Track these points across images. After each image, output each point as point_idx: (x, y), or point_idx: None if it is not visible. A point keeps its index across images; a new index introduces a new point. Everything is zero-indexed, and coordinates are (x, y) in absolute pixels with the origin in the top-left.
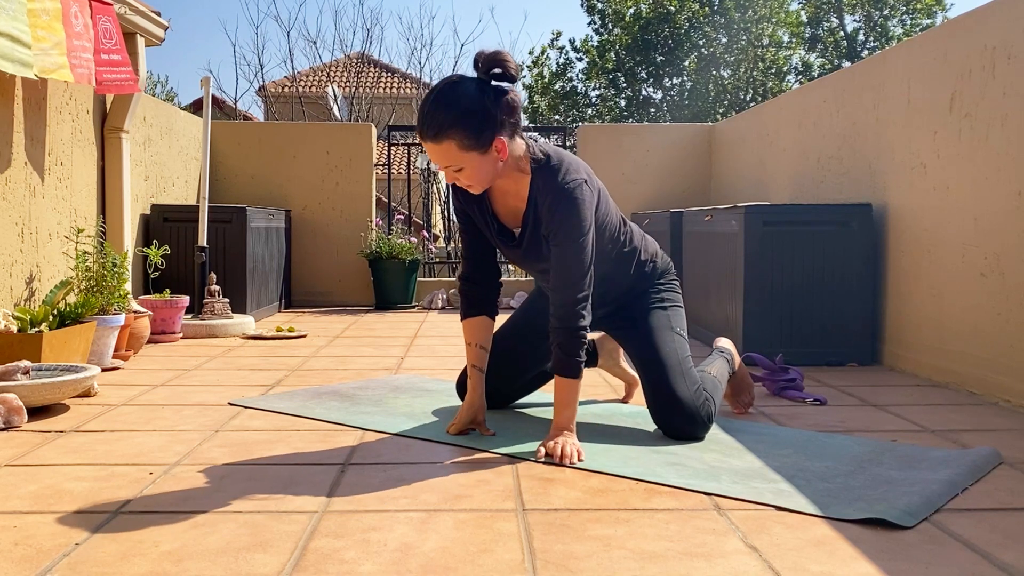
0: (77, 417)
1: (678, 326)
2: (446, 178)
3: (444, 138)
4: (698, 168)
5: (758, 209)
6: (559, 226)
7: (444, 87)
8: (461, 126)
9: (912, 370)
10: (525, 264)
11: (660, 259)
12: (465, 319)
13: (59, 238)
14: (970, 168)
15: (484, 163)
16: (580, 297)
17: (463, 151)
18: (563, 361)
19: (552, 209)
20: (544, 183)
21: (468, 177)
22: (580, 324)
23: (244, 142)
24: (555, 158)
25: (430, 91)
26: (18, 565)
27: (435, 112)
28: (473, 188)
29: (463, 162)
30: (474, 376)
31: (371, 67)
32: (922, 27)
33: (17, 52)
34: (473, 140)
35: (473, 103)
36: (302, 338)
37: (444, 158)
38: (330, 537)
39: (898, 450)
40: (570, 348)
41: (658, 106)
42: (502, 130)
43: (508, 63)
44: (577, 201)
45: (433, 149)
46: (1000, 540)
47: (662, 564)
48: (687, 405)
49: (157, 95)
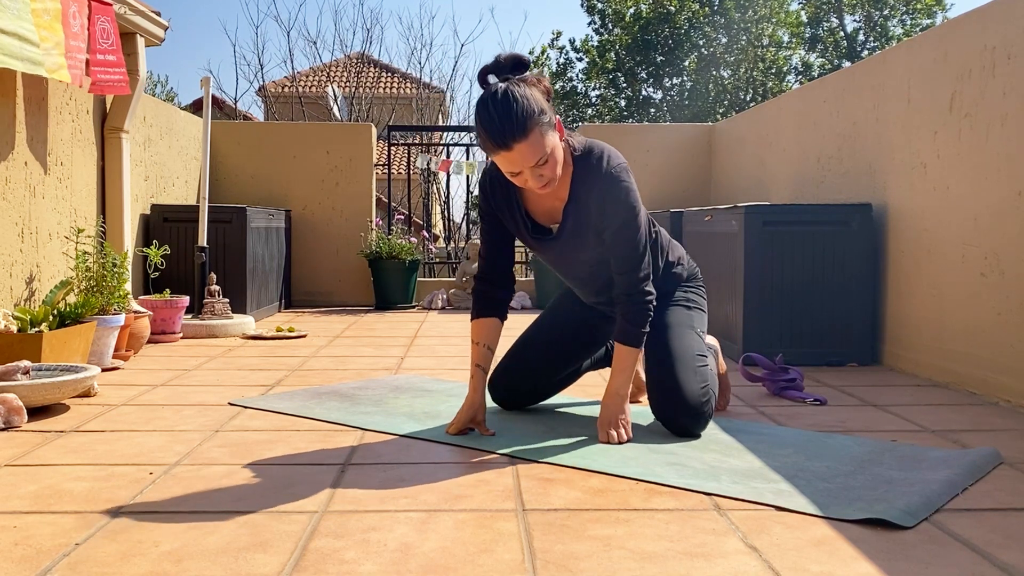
0: (77, 417)
1: (699, 327)
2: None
3: (531, 129)
4: (698, 168)
5: (758, 209)
6: (614, 209)
7: (494, 98)
8: (536, 113)
9: (912, 370)
10: (561, 259)
11: (687, 263)
12: (476, 319)
13: (59, 238)
14: (970, 168)
15: (558, 146)
16: (644, 272)
17: (546, 136)
18: (627, 330)
19: (603, 195)
20: (588, 172)
21: (552, 166)
22: (647, 296)
23: (244, 142)
24: (596, 148)
25: (486, 108)
26: (18, 565)
27: (510, 113)
28: (554, 181)
29: (549, 147)
30: (477, 375)
31: (371, 67)
32: (922, 27)
33: (26, 51)
34: (547, 122)
35: (527, 93)
36: (302, 338)
37: (534, 152)
38: (330, 537)
39: (898, 450)
40: (636, 318)
41: (658, 106)
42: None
43: (525, 57)
44: (625, 184)
45: (522, 148)
46: (1000, 540)
47: (662, 564)
48: (691, 401)
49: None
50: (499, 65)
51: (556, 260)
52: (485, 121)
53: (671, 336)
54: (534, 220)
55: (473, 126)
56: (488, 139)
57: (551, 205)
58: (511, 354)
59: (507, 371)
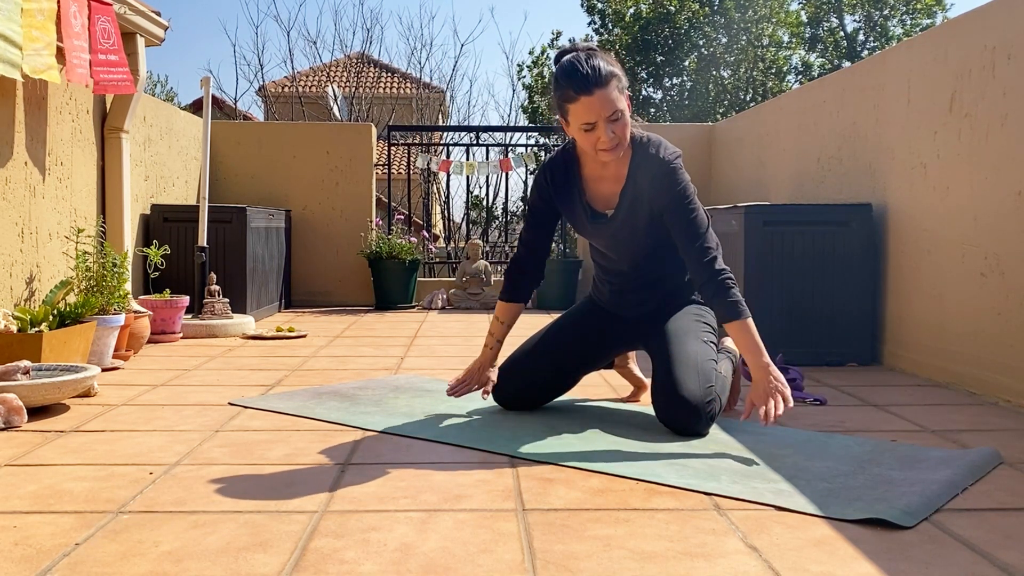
0: (77, 417)
1: (707, 337)
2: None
3: (610, 81)
4: (698, 168)
5: (758, 209)
6: (673, 193)
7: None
8: (616, 68)
9: (912, 370)
10: (614, 243)
11: None
12: (506, 301)
13: (59, 238)
14: (970, 168)
15: (628, 112)
16: (712, 250)
17: (621, 93)
18: (727, 306)
19: (661, 181)
20: (645, 159)
21: (622, 128)
22: (721, 269)
23: (244, 142)
24: (653, 137)
25: (571, 60)
26: (18, 565)
27: (595, 64)
28: (620, 146)
29: (623, 105)
30: (491, 343)
31: (371, 67)
32: (922, 27)
33: (8, 53)
34: (624, 84)
35: (607, 58)
36: (302, 338)
37: (611, 103)
38: (330, 537)
39: (898, 450)
40: (724, 292)
41: (658, 106)
42: None
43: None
44: (680, 171)
45: (601, 95)
46: (1000, 540)
47: (662, 564)
48: (691, 400)
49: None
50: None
51: (610, 244)
52: (569, 70)
53: (675, 340)
54: (592, 205)
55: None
56: (571, 85)
57: (610, 190)
58: (517, 358)
59: (511, 375)
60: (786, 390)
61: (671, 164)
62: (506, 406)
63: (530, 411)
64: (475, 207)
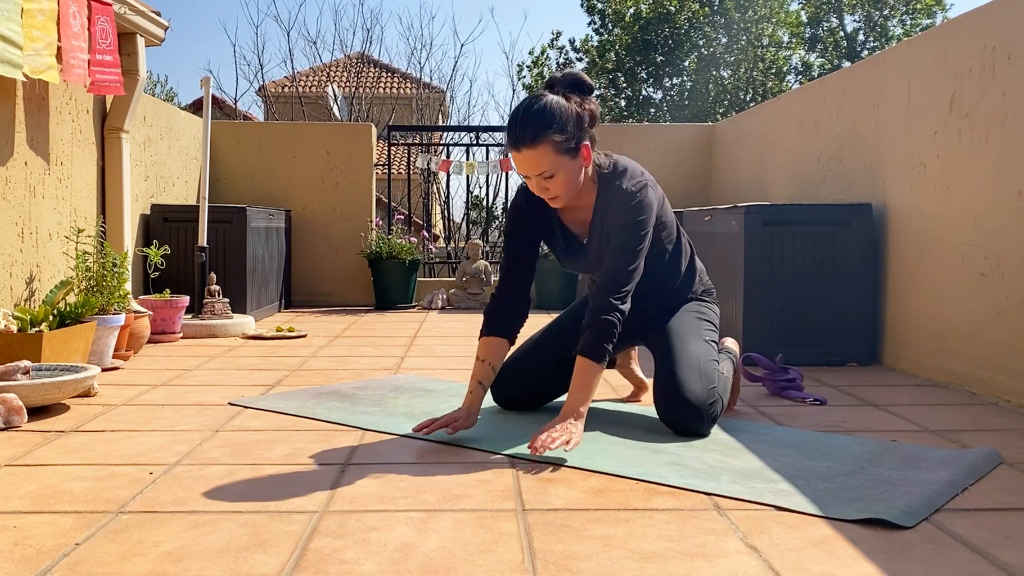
0: (77, 417)
1: (708, 337)
2: (535, 191)
3: (541, 141)
4: (698, 168)
5: (758, 209)
6: (621, 221)
7: (534, 99)
8: (557, 129)
9: (912, 370)
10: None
11: (705, 277)
12: (485, 336)
13: (59, 238)
14: (970, 168)
15: (573, 169)
16: (624, 288)
17: (558, 154)
18: (590, 342)
19: (617, 209)
20: (608, 191)
21: (558, 186)
22: (617, 309)
23: (244, 142)
24: (619, 165)
25: (520, 105)
26: (18, 565)
27: (531, 119)
28: (559, 199)
29: (557, 167)
30: (477, 391)
31: (371, 67)
32: (922, 27)
33: (8, 53)
34: (567, 143)
35: (564, 109)
36: (302, 338)
37: (539, 164)
38: (330, 537)
39: (898, 450)
40: (601, 331)
41: (658, 106)
42: (586, 137)
43: (584, 78)
44: (640, 201)
45: (529, 155)
46: (1000, 540)
47: (662, 564)
48: (694, 401)
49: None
50: (562, 78)
51: (591, 271)
52: (510, 120)
53: (678, 340)
54: (571, 234)
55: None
56: (507, 135)
57: (583, 218)
58: (516, 357)
59: (510, 376)
60: (573, 439)
61: (635, 196)
62: (505, 406)
63: (529, 411)
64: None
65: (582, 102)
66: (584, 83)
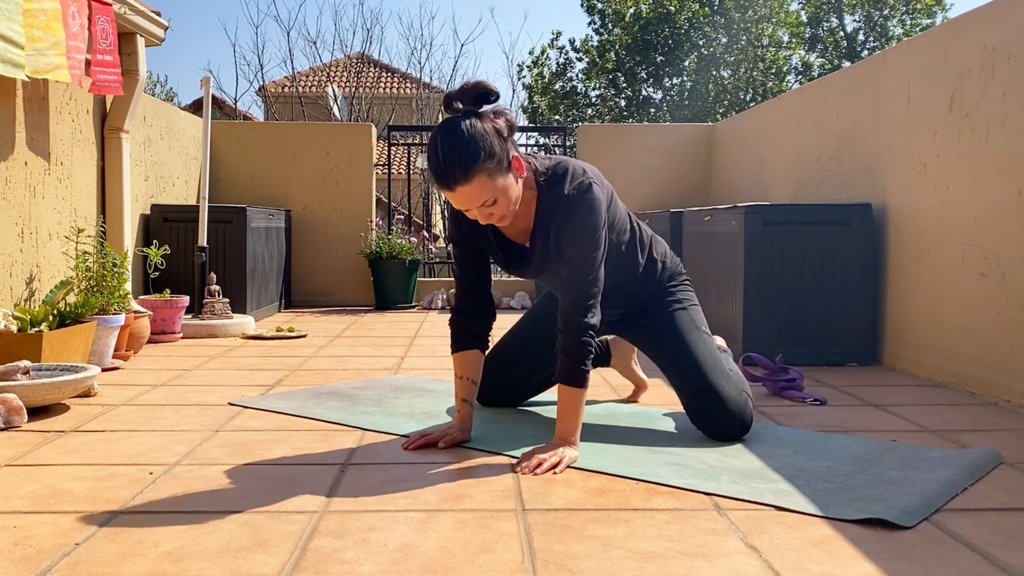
0: (77, 417)
1: (703, 324)
2: (480, 219)
3: (475, 174)
4: (698, 168)
5: (758, 209)
6: (571, 228)
7: (446, 132)
8: (486, 156)
9: (912, 370)
10: (543, 278)
11: (670, 260)
12: (457, 352)
13: (59, 238)
14: (970, 168)
15: (511, 185)
16: (589, 301)
17: (494, 179)
18: (568, 368)
19: (564, 214)
20: (551, 194)
21: (502, 207)
22: (587, 326)
23: (244, 142)
24: (560, 167)
25: (434, 142)
26: (18, 565)
27: (454, 154)
28: (505, 219)
29: (496, 192)
30: (464, 409)
31: (371, 67)
32: (922, 27)
33: (9, 53)
34: (498, 164)
35: (483, 131)
36: (302, 338)
37: (478, 195)
38: (330, 537)
39: (898, 450)
40: (576, 353)
41: (658, 106)
42: (513, 148)
43: (489, 88)
44: (587, 202)
45: (465, 191)
46: (1000, 540)
47: (662, 564)
48: (734, 408)
49: (157, 95)
50: (464, 93)
51: (539, 279)
52: (431, 161)
53: (689, 343)
54: (509, 243)
55: None
56: (433, 179)
57: (524, 227)
58: (492, 355)
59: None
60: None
61: (576, 196)
62: (484, 404)
63: (530, 412)
64: None
65: (494, 115)
66: (488, 92)
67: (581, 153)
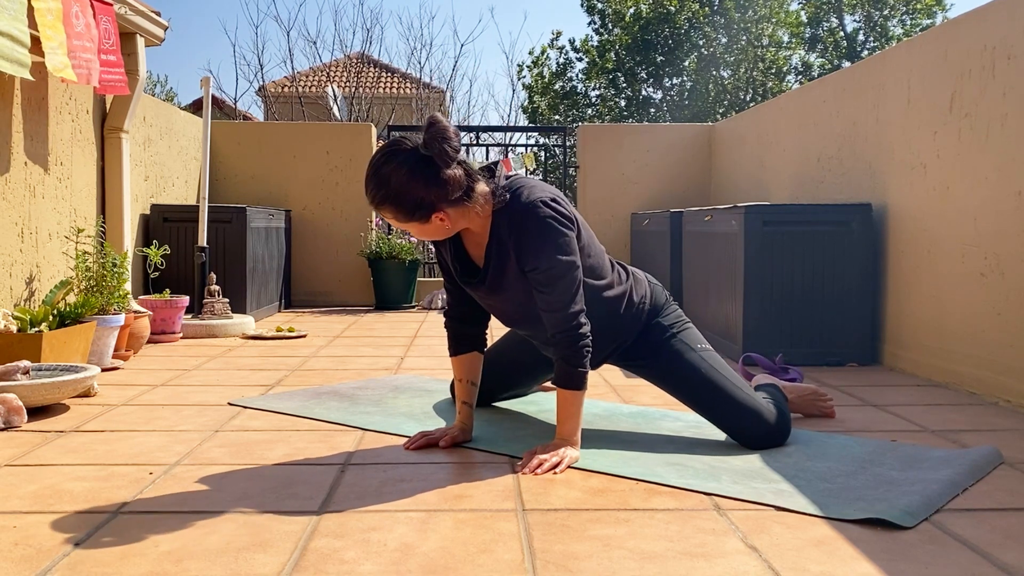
0: (77, 417)
1: (698, 343)
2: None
3: (381, 209)
4: (698, 168)
5: (758, 209)
6: (526, 239)
7: (380, 162)
8: (392, 204)
9: (912, 370)
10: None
11: (650, 297)
12: (455, 356)
13: (59, 238)
14: (970, 168)
15: (426, 229)
16: (572, 307)
17: (401, 222)
18: (565, 372)
19: (515, 225)
20: (504, 212)
21: (417, 233)
22: (581, 332)
23: (244, 142)
24: (514, 188)
25: (373, 158)
26: (18, 565)
27: (370, 185)
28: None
29: (405, 227)
30: (464, 411)
31: (371, 67)
32: (922, 27)
33: (16, 52)
34: (407, 215)
35: (403, 185)
36: (302, 338)
37: (392, 220)
38: (330, 537)
39: (898, 450)
40: (574, 358)
41: (658, 106)
42: (441, 203)
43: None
44: (542, 215)
45: (382, 213)
46: (1000, 540)
47: (662, 564)
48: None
49: (157, 95)
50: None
51: (486, 303)
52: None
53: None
54: (470, 261)
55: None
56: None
57: (479, 244)
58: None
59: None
60: (564, 463)
61: (527, 209)
62: (485, 405)
63: (530, 412)
64: None
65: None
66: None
67: (581, 153)
